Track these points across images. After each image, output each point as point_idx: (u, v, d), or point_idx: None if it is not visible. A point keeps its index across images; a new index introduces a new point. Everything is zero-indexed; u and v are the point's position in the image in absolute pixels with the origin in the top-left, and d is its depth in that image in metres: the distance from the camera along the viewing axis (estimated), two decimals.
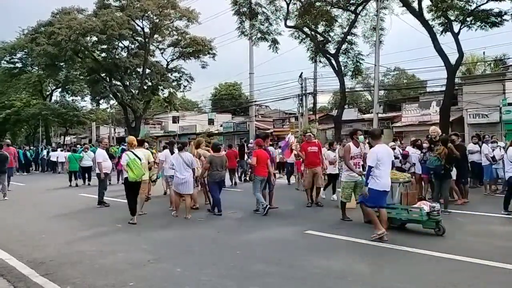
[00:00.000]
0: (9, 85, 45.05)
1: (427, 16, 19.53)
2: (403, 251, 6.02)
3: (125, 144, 13.37)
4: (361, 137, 8.46)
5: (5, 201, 12.73)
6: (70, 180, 17.40)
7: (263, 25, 24.00)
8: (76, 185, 17.02)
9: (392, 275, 5.04)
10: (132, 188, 8.54)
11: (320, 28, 24.20)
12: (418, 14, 19.20)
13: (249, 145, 19.07)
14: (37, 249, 6.47)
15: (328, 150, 12.07)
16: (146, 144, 11.81)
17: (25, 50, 40.40)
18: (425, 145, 10.91)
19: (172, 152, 10.38)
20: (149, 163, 9.73)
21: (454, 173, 9.97)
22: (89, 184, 16.80)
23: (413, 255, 5.83)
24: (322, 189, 10.97)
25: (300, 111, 29.22)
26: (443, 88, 21.22)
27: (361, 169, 8.06)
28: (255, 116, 36.40)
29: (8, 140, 19.09)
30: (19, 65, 44.37)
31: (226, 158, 10.29)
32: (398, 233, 7.15)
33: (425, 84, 33.18)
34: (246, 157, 17.17)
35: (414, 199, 7.48)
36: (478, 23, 19.15)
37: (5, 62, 43.96)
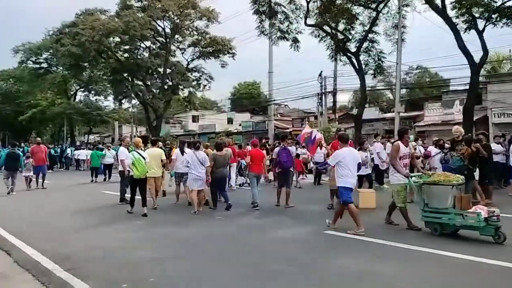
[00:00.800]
0: (35, 85, 46.20)
1: (451, 13, 19.14)
2: (422, 252, 5.94)
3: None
4: (411, 137, 8.31)
5: (30, 197, 13.13)
6: (92, 176, 18.40)
7: (282, 24, 23.93)
8: (96, 181, 17.66)
9: (410, 275, 4.99)
10: (136, 184, 9.51)
11: (341, 26, 23.97)
12: (441, 11, 18.84)
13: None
14: (61, 245, 6.65)
15: (359, 150, 11.27)
16: (159, 143, 12.44)
17: (50, 51, 41.31)
18: (447, 145, 10.73)
19: (182, 152, 10.95)
20: (162, 160, 10.59)
21: (476, 173, 9.78)
22: (108, 180, 17.43)
23: (433, 256, 5.75)
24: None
25: (320, 110, 29.06)
26: (467, 87, 20.76)
27: (408, 171, 7.58)
28: (274, 115, 36.34)
29: (39, 139, 19.26)
30: (44, 65, 45.44)
31: (230, 156, 10.95)
32: (421, 234, 7.07)
33: (448, 83, 32.48)
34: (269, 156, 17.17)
35: (469, 203, 6.78)
36: (504, 20, 18.64)
37: (31, 63, 45.11)
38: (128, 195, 11.37)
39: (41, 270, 5.30)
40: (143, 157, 9.45)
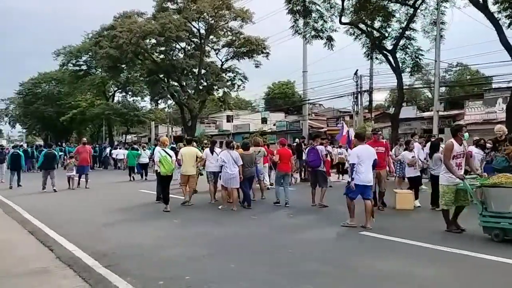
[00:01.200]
0: (75, 86, 47.89)
1: (492, 8, 18.38)
2: (462, 255, 5.73)
3: (174, 143, 14.72)
4: (466, 134, 7.96)
5: (72, 196, 13.64)
6: (130, 175, 18.94)
7: (317, 22, 23.71)
8: (133, 179, 18.17)
9: (450, 279, 4.82)
10: (163, 180, 10.06)
11: (377, 24, 23.49)
12: (482, 7, 18.13)
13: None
14: (100, 242, 6.84)
15: (405, 150, 10.82)
16: (194, 143, 13.03)
17: (89, 53, 42.67)
18: (489, 145, 10.30)
19: (212, 151, 11.29)
20: (197, 158, 11.09)
21: None
22: (146, 179, 17.85)
23: (475, 260, 5.53)
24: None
25: (355, 110, 28.61)
26: (510, 84, 19.91)
27: (462, 172, 7.13)
28: (309, 114, 36.07)
29: (85, 139, 19.51)
30: (84, 67, 46.99)
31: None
32: (457, 237, 6.83)
33: (490, 80, 31.27)
34: (304, 155, 17.06)
35: None
36: None
37: (72, 65, 46.76)
38: (170, 196, 11.65)
39: (82, 266, 5.47)
40: (169, 155, 9.94)
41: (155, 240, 6.92)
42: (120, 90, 50.71)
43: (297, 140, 21.37)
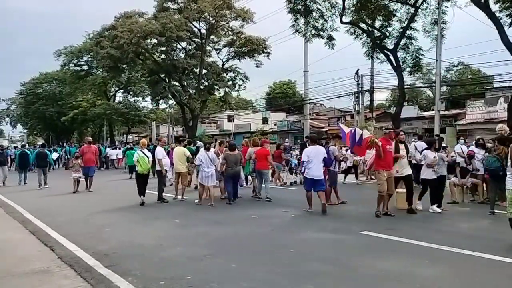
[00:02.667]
0: (77, 86, 48.00)
1: (494, 7, 18.35)
2: (463, 254, 5.72)
3: (152, 144, 15.53)
4: None
5: (72, 196, 13.65)
6: (130, 173, 19.21)
7: (317, 22, 23.68)
8: (132, 178, 18.21)
9: (451, 279, 4.81)
10: (140, 178, 11.22)
11: (377, 23, 23.45)
12: (483, 6, 18.10)
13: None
14: (101, 242, 6.85)
15: (426, 149, 9.96)
16: (185, 142, 13.89)
17: (90, 54, 42.73)
18: (489, 144, 10.28)
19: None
20: (188, 157, 11.96)
21: None
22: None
23: (475, 259, 5.52)
24: (417, 198, 9.53)
25: (356, 109, 28.59)
26: None
27: None
28: (310, 114, 36.07)
29: (90, 138, 18.32)
30: (85, 67, 47.09)
31: (241, 156, 11.68)
32: (457, 236, 6.83)
33: (491, 80, 31.23)
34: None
35: None
36: None
37: (73, 65, 46.86)
38: (165, 194, 11.71)
39: (83, 266, 5.47)
40: (146, 156, 11.11)
41: (155, 240, 6.93)
42: (121, 90, 50.81)
43: (308, 136, 21.35)
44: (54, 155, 26.89)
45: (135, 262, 5.64)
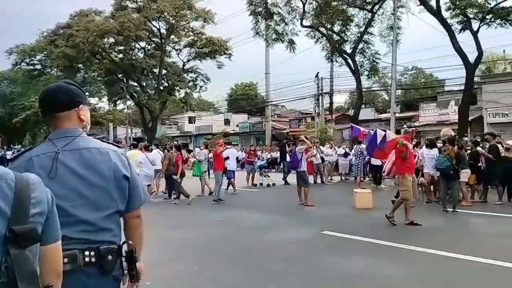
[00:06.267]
0: (29, 86, 45.95)
1: (445, 14, 19.24)
2: (420, 252, 5.91)
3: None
4: None
5: None
6: None
7: (279, 25, 23.96)
8: None
9: (409, 276, 4.96)
10: None
11: (336, 28, 24.04)
12: (436, 13, 18.93)
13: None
14: None
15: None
16: (141, 144, 13.86)
17: (44, 52, 41.10)
18: (439, 145, 10.77)
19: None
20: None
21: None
22: None
23: (432, 257, 5.71)
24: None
25: (317, 111, 29.07)
26: (462, 87, 20.86)
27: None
28: (271, 116, 36.31)
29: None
30: (38, 67, 45.13)
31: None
32: (414, 234, 7.06)
33: (443, 83, 32.65)
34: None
35: None
36: (498, 21, 18.79)
37: (25, 64, 44.83)
38: None
39: None
40: None
41: None
42: None
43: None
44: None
45: None
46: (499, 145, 12.31)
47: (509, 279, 4.86)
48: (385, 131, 8.49)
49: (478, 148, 11.05)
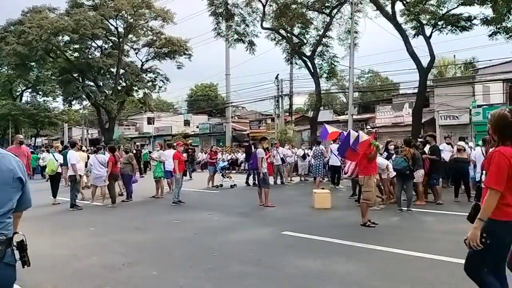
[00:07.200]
0: None
1: (400, 19, 19.97)
2: (377, 250, 6.09)
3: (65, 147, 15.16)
4: None
5: None
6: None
7: (239, 26, 24.02)
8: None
9: (367, 274, 5.09)
10: (51, 179, 12.24)
11: (296, 30, 24.41)
12: (391, 18, 19.60)
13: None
14: None
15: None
16: (84, 147, 15.11)
17: None
18: (391, 147, 11.18)
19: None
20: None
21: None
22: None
23: (388, 254, 5.90)
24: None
25: (277, 113, 29.34)
26: (416, 90, 21.71)
27: None
28: (232, 117, 36.31)
29: (21, 136, 12.28)
30: None
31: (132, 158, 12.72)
32: (370, 233, 7.26)
33: (398, 86, 33.83)
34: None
35: None
36: (449, 27, 19.70)
37: None
38: (78, 201, 11.08)
39: None
40: (56, 159, 12.04)
41: (69, 250, 6.48)
42: (29, 90, 47.13)
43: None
44: None
45: (46, 275, 5.20)
46: (449, 146, 12.94)
47: (457, 273, 5.08)
48: (358, 132, 8.42)
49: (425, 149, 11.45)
